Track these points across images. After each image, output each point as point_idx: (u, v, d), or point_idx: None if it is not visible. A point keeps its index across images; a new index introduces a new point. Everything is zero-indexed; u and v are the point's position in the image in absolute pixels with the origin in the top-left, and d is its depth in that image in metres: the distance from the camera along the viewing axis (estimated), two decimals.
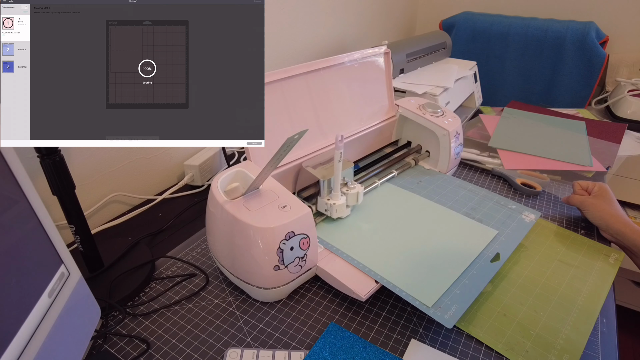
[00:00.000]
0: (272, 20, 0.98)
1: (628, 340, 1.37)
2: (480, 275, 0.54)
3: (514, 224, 0.65)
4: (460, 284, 0.52)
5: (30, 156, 0.52)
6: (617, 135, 1.05)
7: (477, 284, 0.52)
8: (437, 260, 0.56)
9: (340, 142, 0.55)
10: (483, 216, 0.66)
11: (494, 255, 0.57)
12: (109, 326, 0.51)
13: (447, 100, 1.01)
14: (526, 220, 0.66)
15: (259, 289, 0.52)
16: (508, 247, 0.59)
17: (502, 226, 0.64)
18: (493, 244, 0.60)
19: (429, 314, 0.48)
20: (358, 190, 0.62)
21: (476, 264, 0.56)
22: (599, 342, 0.50)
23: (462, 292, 0.51)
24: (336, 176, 0.58)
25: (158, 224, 0.71)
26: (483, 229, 0.63)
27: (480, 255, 0.57)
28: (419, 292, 0.50)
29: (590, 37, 1.30)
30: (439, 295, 0.50)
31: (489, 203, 0.70)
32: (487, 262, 0.56)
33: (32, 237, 0.34)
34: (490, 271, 0.55)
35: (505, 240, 0.61)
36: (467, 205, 0.69)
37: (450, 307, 0.49)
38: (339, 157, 0.56)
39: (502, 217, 0.66)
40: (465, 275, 0.54)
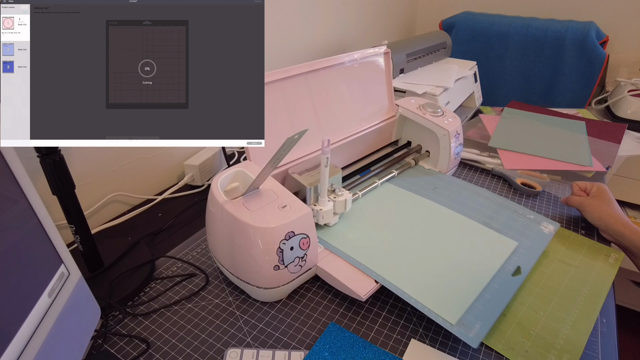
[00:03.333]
0: (272, 20, 0.98)
1: (628, 340, 1.37)
2: (503, 290, 0.52)
3: (533, 234, 0.63)
4: (483, 299, 0.50)
5: (30, 156, 0.52)
6: (617, 135, 1.05)
7: (499, 299, 0.51)
8: (457, 272, 0.54)
9: (326, 147, 0.53)
10: (501, 226, 0.64)
11: (515, 268, 0.56)
12: (109, 326, 0.51)
13: (447, 100, 1.01)
14: (545, 231, 0.64)
15: (259, 289, 0.52)
16: (528, 260, 0.57)
17: (521, 237, 0.62)
18: (513, 256, 0.58)
19: (453, 332, 0.46)
20: (346, 198, 0.60)
21: (498, 277, 0.54)
22: (599, 342, 0.50)
23: (485, 309, 0.49)
24: (323, 181, 0.57)
25: (158, 224, 0.71)
26: (502, 240, 0.61)
27: (502, 268, 0.55)
28: (442, 308, 0.49)
29: (590, 37, 1.30)
30: (463, 311, 0.48)
31: (506, 212, 0.67)
32: (509, 276, 0.54)
33: (32, 237, 0.34)
34: (513, 286, 0.53)
35: (525, 253, 0.59)
36: (485, 213, 0.66)
37: (474, 325, 0.47)
38: (326, 162, 0.54)
39: (521, 227, 0.64)
40: (487, 290, 0.52)
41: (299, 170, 0.62)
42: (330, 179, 0.60)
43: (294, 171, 0.62)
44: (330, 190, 0.61)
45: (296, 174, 0.61)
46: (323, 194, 0.58)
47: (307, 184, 0.59)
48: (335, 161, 0.72)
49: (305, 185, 0.59)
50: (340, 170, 0.63)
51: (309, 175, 0.61)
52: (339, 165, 0.74)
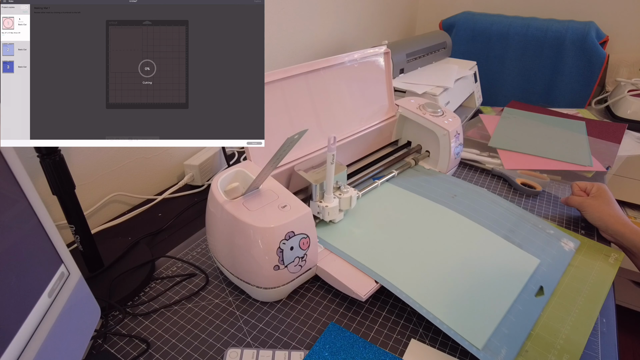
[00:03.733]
0: (272, 20, 0.98)
1: (628, 340, 1.37)
2: (527, 312, 0.50)
3: (553, 252, 0.61)
4: (508, 321, 0.49)
5: (30, 156, 0.52)
6: (617, 135, 1.05)
7: (524, 322, 0.49)
8: (481, 290, 0.52)
9: (332, 144, 0.54)
10: (522, 241, 0.62)
11: (538, 288, 0.54)
12: (109, 326, 0.51)
13: (447, 100, 1.01)
14: (565, 248, 0.62)
15: (259, 288, 0.52)
16: (551, 280, 0.56)
17: (542, 254, 0.60)
18: (535, 275, 0.56)
19: (480, 357, 0.44)
20: (351, 195, 0.61)
21: (521, 298, 0.52)
22: (599, 342, 0.50)
23: (511, 332, 0.47)
24: (328, 178, 0.58)
25: (158, 224, 0.71)
26: (525, 257, 0.58)
27: (525, 287, 0.53)
28: (467, 331, 0.47)
29: (590, 37, 1.30)
30: (488, 335, 0.47)
31: (527, 225, 0.65)
32: (532, 297, 0.52)
33: (32, 237, 0.34)
34: (537, 307, 0.51)
35: (547, 271, 0.57)
36: (505, 226, 0.64)
37: (500, 350, 0.45)
38: (332, 159, 0.55)
39: (542, 243, 0.62)
40: (512, 311, 0.50)
41: (305, 168, 0.63)
42: (336, 176, 0.61)
43: (299, 168, 0.62)
44: (336, 187, 0.62)
45: (302, 171, 0.62)
46: (329, 190, 0.59)
47: (313, 180, 0.60)
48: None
49: (311, 182, 0.60)
50: (345, 168, 0.64)
51: (315, 173, 0.62)
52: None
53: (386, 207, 0.67)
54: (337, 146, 0.69)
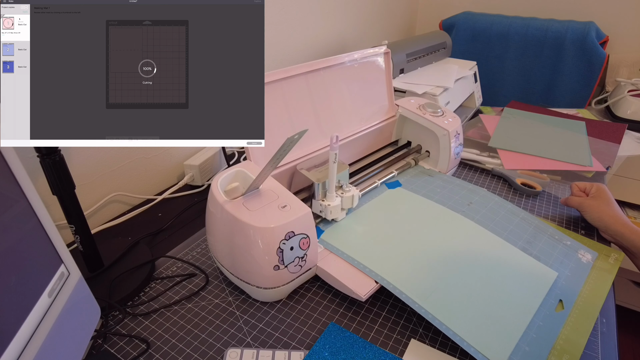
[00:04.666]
0: (272, 20, 0.98)
1: (628, 340, 1.37)
2: (547, 328, 0.49)
3: (571, 264, 0.60)
4: (529, 338, 0.47)
5: (30, 156, 0.52)
6: (617, 135, 1.05)
7: (545, 338, 0.48)
8: (499, 303, 0.50)
9: (335, 143, 0.54)
10: (540, 253, 0.60)
11: (557, 302, 0.53)
12: (109, 326, 0.51)
13: (447, 100, 1.01)
14: (583, 260, 0.61)
15: (259, 288, 0.52)
16: (570, 293, 0.54)
17: (560, 266, 0.58)
18: (554, 288, 0.54)
19: None
20: (354, 194, 0.61)
21: (540, 312, 0.51)
22: (598, 342, 0.50)
23: (532, 349, 0.46)
24: (331, 177, 0.58)
25: (158, 224, 0.71)
26: (543, 270, 0.57)
27: (544, 302, 0.52)
28: (488, 348, 0.45)
29: (590, 37, 1.30)
30: (509, 352, 0.45)
31: (544, 237, 0.64)
32: (552, 311, 0.51)
33: (32, 237, 0.34)
34: (558, 322, 0.50)
35: (565, 285, 0.56)
36: (523, 237, 0.63)
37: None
38: (334, 158, 0.55)
39: (559, 255, 0.61)
40: (532, 327, 0.48)
41: (307, 167, 0.63)
42: (338, 175, 0.61)
43: (302, 167, 0.62)
44: (338, 186, 0.62)
45: (304, 170, 0.62)
46: (331, 189, 0.59)
47: (315, 179, 0.60)
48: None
49: (313, 181, 0.60)
50: (347, 167, 0.64)
51: (317, 171, 0.62)
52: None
53: (392, 209, 0.66)
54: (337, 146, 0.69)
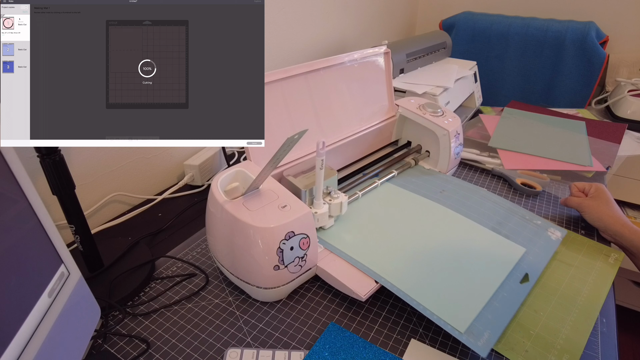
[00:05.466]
0: (272, 20, 0.98)
1: (628, 340, 1.37)
2: (511, 298, 0.52)
3: (540, 241, 0.62)
4: (492, 307, 0.50)
5: (30, 156, 0.52)
6: (617, 135, 1.05)
7: (508, 307, 0.50)
8: (465, 278, 0.54)
9: (321, 149, 0.52)
10: (510, 232, 0.63)
11: (523, 275, 0.55)
12: (109, 326, 0.51)
13: (447, 100, 1.01)
14: (552, 237, 0.64)
15: (259, 288, 0.52)
16: (536, 267, 0.57)
17: (529, 243, 0.61)
18: (521, 263, 0.57)
19: (462, 341, 0.45)
20: (342, 200, 0.60)
21: (506, 285, 0.53)
22: (598, 342, 0.50)
23: (494, 317, 0.49)
24: (318, 184, 0.56)
25: (158, 224, 0.71)
26: (511, 246, 0.60)
27: (510, 275, 0.55)
28: (450, 316, 0.48)
29: (590, 37, 1.30)
30: (472, 319, 0.48)
31: (514, 217, 0.67)
32: (517, 284, 0.54)
33: (32, 237, 0.34)
34: (521, 293, 0.53)
35: (533, 260, 0.58)
36: (494, 219, 0.66)
37: (483, 333, 0.46)
38: (321, 165, 0.54)
39: (529, 233, 0.64)
40: (496, 297, 0.51)
41: (294, 173, 0.62)
42: (326, 181, 0.60)
43: (289, 173, 0.61)
44: (326, 192, 0.61)
45: (291, 177, 0.61)
46: (318, 196, 0.58)
47: (302, 186, 0.59)
48: (335, 161, 0.72)
49: (300, 187, 0.59)
50: (336, 173, 0.63)
51: (305, 178, 0.61)
52: (339, 165, 0.74)
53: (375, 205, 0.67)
54: (336, 146, 0.69)
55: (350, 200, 0.66)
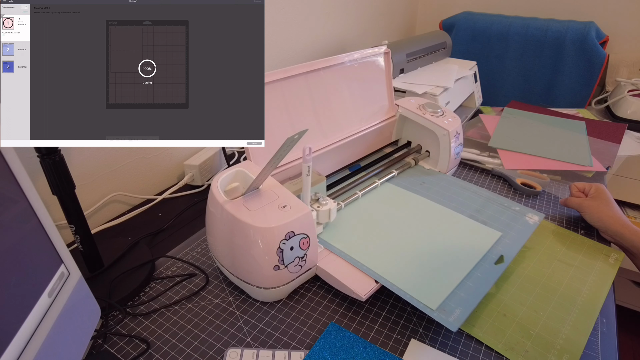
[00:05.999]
0: (272, 20, 0.98)
1: (628, 340, 1.37)
2: (485, 278, 0.53)
3: (518, 226, 0.64)
4: (465, 286, 0.52)
5: (30, 156, 0.52)
6: (617, 135, 1.05)
7: (481, 286, 0.52)
8: (440, 261, 0.56)
9: (307, 155, 0.51)
10: (487, 218, 0.65)
11: (498, 257, 0.57)
12: (109, 326, 0.51)
13: (447, 100, 1.01)
14: (530, 222, 0.65)
15: (259, 288, 0.52)
16: (512, 249, 0.59)
17: (506, 228, 0.63)
18: (497, 246, 0.59)
19: (434, 317, 0.47)
20: (330, 207, 0.58)
21: (480, 266, 0.55)
22: (598, 342, 0.50)
23: (467, 295, 0.51)
24: (305, 191, 0.55)
25: (158, 224, 0.71)
26: (487, 231, 0.62)
27: (484, 257, 0.57)
28: (423, 295, 0.50)
29: (590, 37, 1.30)
30: (443, 297, 0.50)
31: (492, 205, 0.69)
32: (491, 265, 0.56)
33: (32, 237, 0.34)
34: (495, 273, 0.54)
35: (509, 243, 0.60)
36: (472, 207, 0.68)
37: (455, 310, 0.48)
38: (307, 171, 0.52)
39: (506, 219, 0.65)
40: (470, 277, 0.53)
41: (282, 179, 0.61)
42: (314, 187, 0.59)
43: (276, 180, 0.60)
44: (314, 199, 0.59)
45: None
46: (305, 203, 0.56)
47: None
48: (335, 161, 0.72)
49: None
50: (324, 179, 0.62)
51: (292, 184, 0.60)
52: (339, 166, 0.74)
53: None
54: (336, 146, 0.69)
55: (350, 200, 0.66)
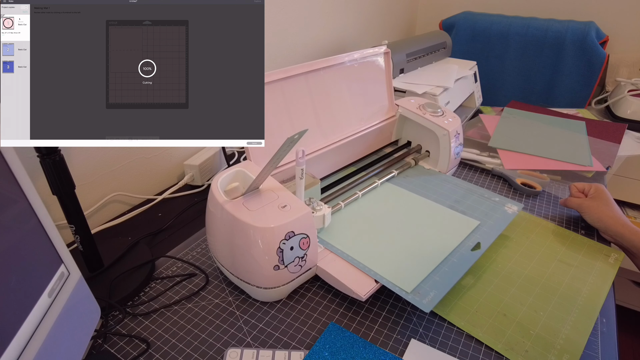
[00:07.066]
0: (272, 20, 0.98)
1: (628, 340, 1.37)
2: (460, 263, 0.55)
3: (496, 215, 0.66)
4: (440, 271, 0.54)
5: (30, 156, 0.52)
6: (617, 135, 1.05)
7: (456, 271, 0.54)
8: (419, 249, 0.58)
9: (301, 158, 0.50)
10: (467, 208, 0.67)
11: (475, 244, 0.59)
12: (109, 326, 0.51)
13: (447, 100, 1.01)
14: (509, 211, 0.67)
15: (259, 288, 0.52)
16: (489, 237, 0.61)
17: (485, 217, 0.65)
18: (475, 234, 0.61)
19: (408, 299, 0.49)
20: (324, 213, 0.57)
21: (457, 252, 0.57)
22: (598, 342, 0.50)
23: (442, 279, 0.53)
24: (298, 194, 0.54)
25: (158, 224, 0.71)
26: (465, 220, 0.64)
27: (461, 244, 0.59)
28: (399, 279, 0.52)
29: (590, 37, 1.30)
30: (419, 281, 0.52)
31: (472, 196, 0.71)
32: (468, 251, 0.58)
33: (32, 237, 0.34)
34: (470, 259, 0.56)
35: (487, 231, 0.62)
36: (452, 198, 0.70)
37: (429, 293, 0.50)
38: (301, 174, 0.52)
39: (486, 209, 0.68)
40: (446, 263, 0.55)
41: (282, 179, 0.60)
42: (308, 191, 0.59)
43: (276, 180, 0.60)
44: (308, 203, 0.58)
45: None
46: None
47: None
48: (335, 161, 0.72)
49: None
50: (318, 182, 0.62)
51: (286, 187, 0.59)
52: (339, 166, 0.74)
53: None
54: (336, 146, 0.69)
55: (350, 200, 0.66)
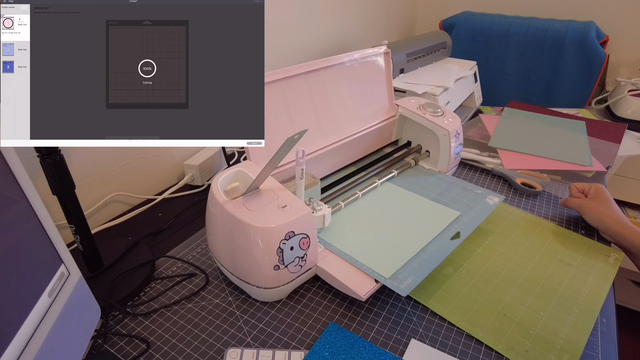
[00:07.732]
0: (272, 20, 0.98)
1: (628, 340, 1.37)
2: (439, 251, 0.57)
3: (477, 206, 0.68)
4: (419, 258, 0.56)
5: (30, 156, 0.52)
6: (617, 135, 1.05)
7: (434, 258, 0.56)
8: (400, 238, 0.59)
9: (301, 158, 0.50)
10: (449, 200, 0.69)
11: (455, 233, 0.61)
12: (109, 326, 0.51)
13: (447, 100, 1.01)
14: (490, 203, 0.69)
15: (259, 288, 0.52)
16: (469, 227, 0.63)
17: (466, 208, 0.67)
18: (455, 224, 0.63)
19: (386, 284, 0.51)
20: (324, 213, 0.57)
21: (436, 241, 0.59)
22: (599, 342, 0.50)
23: (420, 266, 0.54)
24: (298, 195, 0.54)
25: (158, 224, 0.71)
26: (446, 211, 0.66)
27: (441, 233, 0.61)
28: (378, 265, 0.54)
29: (590, 37, 1.30)
30: (397, 268, 0.54)
31: (455, 189, 0.72)
32: (447, 240, 0.60)
33: (32, 237, 0.34)
34: (449, 248, 0.58)
35: (467, 221, 0.64)
36: (435, 190, 0.72)
37: (407, 279, 0.52)
38: (301, 174, 0.52)
39: (468, 200, 0.69)
40: (425, 251, 0.57)
41: (282, 179, 0.60)
42: (308, 191, 0.59)
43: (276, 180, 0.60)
44: (308, 204, 0.58)
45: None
46: None
47: None
48: (334, 161, 0.72)
49: None
50: (318, 182, 0.62)
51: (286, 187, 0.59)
52: (339, 166, 0.74)
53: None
54: (337, 146, 0.69)
55: (350, 200, 0.66)
